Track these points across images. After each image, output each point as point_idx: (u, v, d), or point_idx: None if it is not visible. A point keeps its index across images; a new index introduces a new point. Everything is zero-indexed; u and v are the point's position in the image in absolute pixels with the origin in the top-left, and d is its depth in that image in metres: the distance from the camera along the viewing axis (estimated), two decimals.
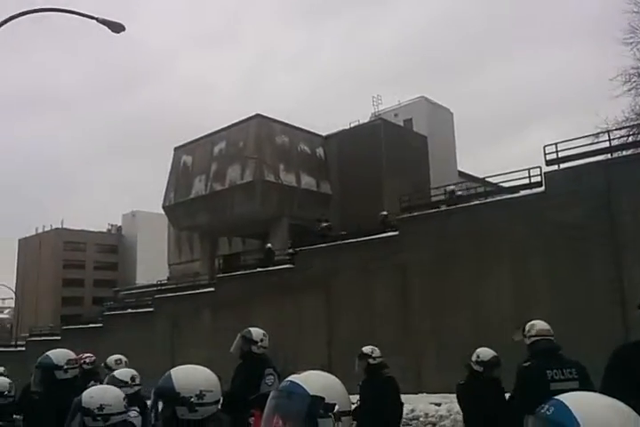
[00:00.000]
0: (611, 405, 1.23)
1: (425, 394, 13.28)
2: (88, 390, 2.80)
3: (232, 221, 28.10)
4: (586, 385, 3.67)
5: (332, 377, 1.81)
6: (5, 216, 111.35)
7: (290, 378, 1.75)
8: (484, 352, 5.25)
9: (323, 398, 1.66)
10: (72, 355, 3.87)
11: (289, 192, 27.64)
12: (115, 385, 4.30)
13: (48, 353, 3.82)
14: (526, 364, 4.08)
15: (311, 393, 1.66)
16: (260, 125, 28.45)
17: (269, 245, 22.96)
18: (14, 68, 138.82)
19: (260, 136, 28.11)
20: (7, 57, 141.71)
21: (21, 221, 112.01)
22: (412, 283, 15.66)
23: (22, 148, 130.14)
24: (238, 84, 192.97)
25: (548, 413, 1.24)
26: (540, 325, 4.12)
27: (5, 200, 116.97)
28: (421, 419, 11.54)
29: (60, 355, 3.78)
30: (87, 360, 6.05)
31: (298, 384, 1.70)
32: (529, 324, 4.16)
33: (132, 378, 4.27)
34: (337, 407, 1.67)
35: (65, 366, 3.72)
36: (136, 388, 4.27)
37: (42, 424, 2.82)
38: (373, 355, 5.79)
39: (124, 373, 4.33)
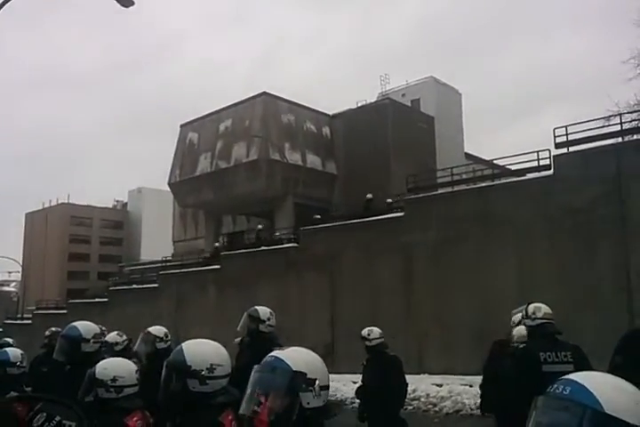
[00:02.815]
0: (619, 383, 1.26)
1: (427, 375, 13.37)
2: (102, 362, 2.85)
3: (237, 199, 28.09)
4: (581, 368, 3.67)
5: (314, 354, 1.90)
6: (14, 190, 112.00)
7: (273, 353, 1.85)
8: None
9: (304, 374, 1.76)
10: (97, 329, 3.91)
11: (294, 171, 27.54)
12: (150, 340, 4.92)
13: (76, 324, 3.82)
14: (521, 346, 4.11)
15: (294, 369, 1.76)
16: (267, 103, 28.22)
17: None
18: (28, 47, 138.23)
19: (266, 114, 27.90)
20: (21, 36, 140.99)
21: (29, 195, 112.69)
22: (416, 264, 15.66)
23: (32, 123, 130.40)
24: (248, 65, 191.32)
25: (564, 393, 1.23)
26: (545, 308, 4.13)
27: (15, 174, 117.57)
28: (422, 400, 11.63)
29: (88, 328, 3.81)
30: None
31: (281, 360, 1.80)
32: (533, 306, 4.15)
33: (166, 334, 5.05)
34: (317, 382, 1.78)
35: (91, 340, 3.76)
36: (169, 343, 5.00)
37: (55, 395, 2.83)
38: (370, 337, 5.80)
39: (158, 329, 5.09)
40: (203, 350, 2.28)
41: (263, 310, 4.46)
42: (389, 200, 18.95)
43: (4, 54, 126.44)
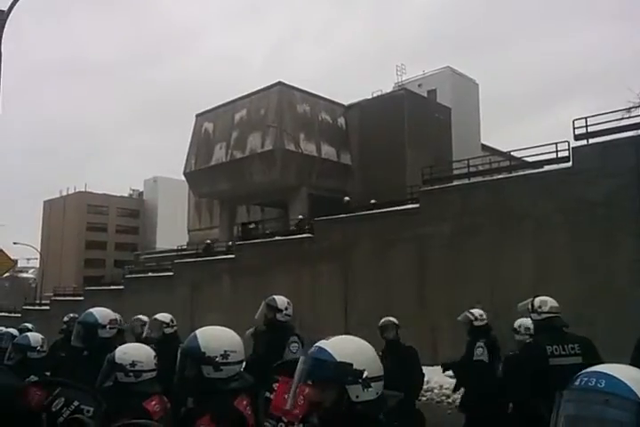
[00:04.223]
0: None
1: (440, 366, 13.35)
2: (121, 346, 2.87)
3: (251, 189, 28.17)
4: (590, 360, 3.64)
5: (363, 342, 1.76)
6: (33, 178, 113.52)
7: (318, 344, 1.72)
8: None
9: (350, 364, 1.63)
10: (114, 315, 3.94)
11: (309, 161, 27.52)
12: (156, 326, 5.19)
13: (92, 311, 3.86)
14: (528, 340, 4.10)
15: (338, 360, 1.63)
16: (282, 93, 28.15)
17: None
18: (47, 38, 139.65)
19: (281, 104, 27.84)
20: (40, 28, 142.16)
21: (48, 182, 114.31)
22: (431, 256, 15.60)
23: (53, 113, 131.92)
24: (265, 57, 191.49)
25: (600, 385, 1.22)
26: (551, 301, 4.08)
27: (34, 162, 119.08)
28: (436, 391, 11.66)
29: (104, 314, 3.85)
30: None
31: (325, 350, 1.67)
32: (539, 299, 4.09)
33: (172, 320, 5.34)
34: (366, 373, 1.64)
35: (108, 326, 3.80)
36: (175, 328, 5.31)
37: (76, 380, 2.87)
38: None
39: (164, 316, 5.35)
40: (216, 337, 2.30)
41: (281, 300, 4.47)
42: (373, 201, 18.92)
43: (25, 46, 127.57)
